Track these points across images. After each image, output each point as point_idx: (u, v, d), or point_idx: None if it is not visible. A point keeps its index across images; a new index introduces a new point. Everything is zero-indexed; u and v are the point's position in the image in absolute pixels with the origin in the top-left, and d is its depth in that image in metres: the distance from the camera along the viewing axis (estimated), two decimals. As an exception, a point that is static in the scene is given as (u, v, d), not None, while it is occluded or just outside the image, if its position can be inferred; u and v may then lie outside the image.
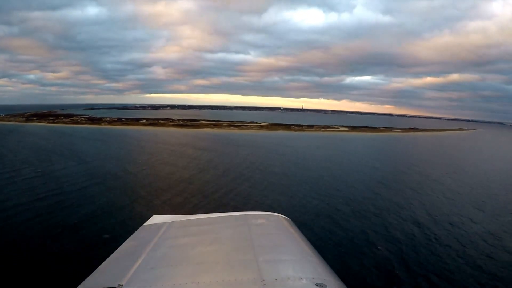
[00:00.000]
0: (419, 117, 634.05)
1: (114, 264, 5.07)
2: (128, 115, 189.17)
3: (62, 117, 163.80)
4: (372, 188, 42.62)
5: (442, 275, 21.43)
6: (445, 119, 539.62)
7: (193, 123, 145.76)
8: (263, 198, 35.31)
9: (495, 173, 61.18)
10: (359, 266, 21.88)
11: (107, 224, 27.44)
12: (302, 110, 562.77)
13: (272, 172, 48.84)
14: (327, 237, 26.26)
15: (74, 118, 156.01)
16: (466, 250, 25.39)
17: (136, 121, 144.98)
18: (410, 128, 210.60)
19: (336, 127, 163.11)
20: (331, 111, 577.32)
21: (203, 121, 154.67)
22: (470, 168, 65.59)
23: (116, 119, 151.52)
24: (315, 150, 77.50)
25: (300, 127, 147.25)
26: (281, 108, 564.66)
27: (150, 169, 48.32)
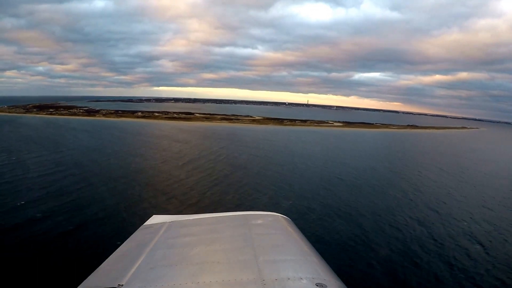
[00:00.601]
0: (426, 114, 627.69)
1: (114, 264, 5.10)
2: (129, 108, 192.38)
3: (61, 109, 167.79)
4: (327, 184, 42.02)
5: (347, 284, 20.23)
6: (452, 118, 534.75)
7: (187, 116, 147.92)
8: (206, 189, 36.55)
9: (473, 174, 59.02)
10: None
11: (47, 207, 29.63)
12: (307, 105, 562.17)
13: (232, 164, 50.42)
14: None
15: (73, 110, 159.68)
16: (393, 256, 23.33)
17: (131, 113, 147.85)
18: (408, 125, 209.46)
19: (330, 122, 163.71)
20: (336, 107, 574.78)
21: (198, 114, 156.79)
22: (448, 167, 63.17)
23: (112, 111, 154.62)
24: (292, 144, 78.81)
25: (293, 121, 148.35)
26: (286, 103, 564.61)
27: (114, 159, 50.36)
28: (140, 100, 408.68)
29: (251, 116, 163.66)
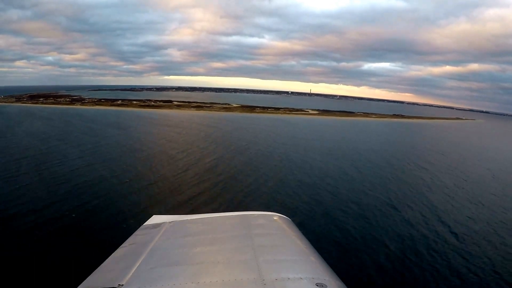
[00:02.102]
0: (432, 105, 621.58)
1: (114, 264, 5.17)
2: (120, 96, 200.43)
3: (51, 98, 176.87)
4: (200, 170, 43.30)
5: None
6: (458, 109, 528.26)
7: (163, 104, 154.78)
8: (77, 167, 42.21)
9: (403, 166, 55.74)
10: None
11: None
12: (309, 94, 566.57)
13: (132, 149, 54.99)
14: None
15: (60, 99, 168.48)
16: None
17: (111, 101, 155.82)
18: (394, 114, 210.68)
19: (306, 110, 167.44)
20: (339, 96, 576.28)
21: (175, 102, 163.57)
22: (383, 158, 60.37)
23: (96, 100, 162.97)
24: (230, 131, 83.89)
25: (265, 109, 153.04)
26: (289, 92, 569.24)
27: (37, 142, 57.02)
28: (142, 89, 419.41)
29: (228, 104, 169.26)
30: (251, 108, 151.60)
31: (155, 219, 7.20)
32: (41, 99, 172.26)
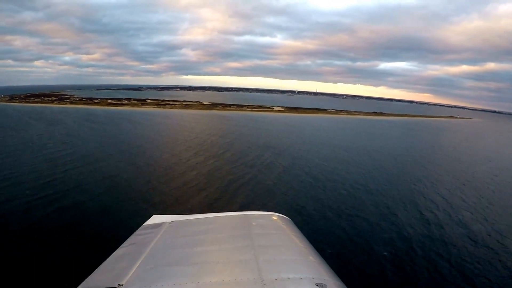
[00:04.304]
0: (443, 105, 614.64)
1: (114, 264, 5.27)
2: (115, 96, 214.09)
3: (42, 97, 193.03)
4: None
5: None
6: (469, 109, 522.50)
7: (135, 102, 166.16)
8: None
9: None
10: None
11: None
12: (315, 93, 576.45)
13: (39, 140, 66.62)
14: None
15: (46, 99, 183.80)
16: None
17: (89, 100, 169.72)
18: (374, 112, 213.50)
19: (271, 107, 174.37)
20: (345, 95, 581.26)
21: (150, 100, 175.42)
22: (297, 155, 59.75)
23: (78, 99, 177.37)
24: (152, 126, 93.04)
25: (226, 106, 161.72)
26: (296, 91, 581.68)
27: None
28: (147, 88, 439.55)
29: (199, 102, 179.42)
30: (214, 105, 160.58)
31: (155, 219, 7.34)
32: (33, 98, 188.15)
